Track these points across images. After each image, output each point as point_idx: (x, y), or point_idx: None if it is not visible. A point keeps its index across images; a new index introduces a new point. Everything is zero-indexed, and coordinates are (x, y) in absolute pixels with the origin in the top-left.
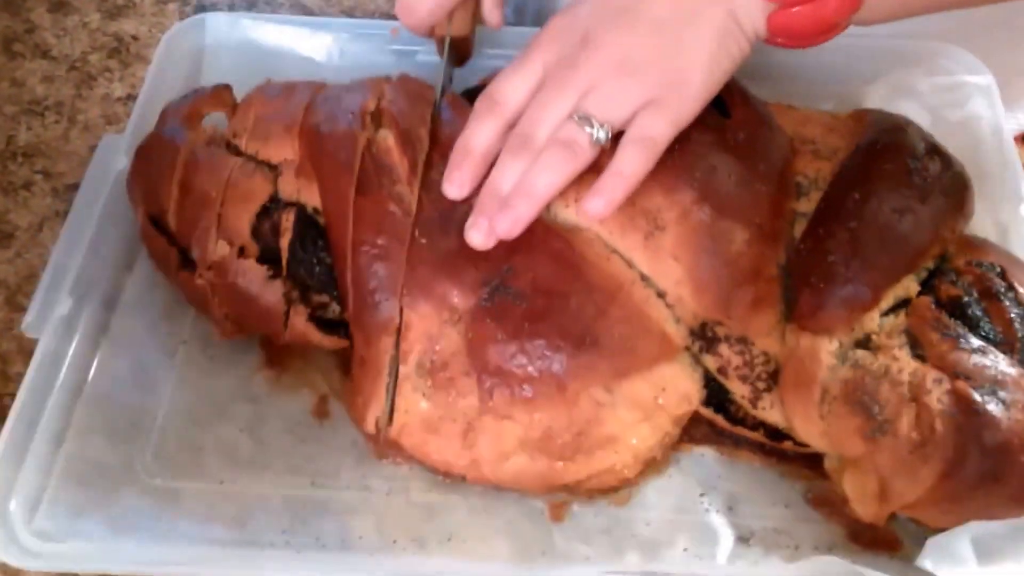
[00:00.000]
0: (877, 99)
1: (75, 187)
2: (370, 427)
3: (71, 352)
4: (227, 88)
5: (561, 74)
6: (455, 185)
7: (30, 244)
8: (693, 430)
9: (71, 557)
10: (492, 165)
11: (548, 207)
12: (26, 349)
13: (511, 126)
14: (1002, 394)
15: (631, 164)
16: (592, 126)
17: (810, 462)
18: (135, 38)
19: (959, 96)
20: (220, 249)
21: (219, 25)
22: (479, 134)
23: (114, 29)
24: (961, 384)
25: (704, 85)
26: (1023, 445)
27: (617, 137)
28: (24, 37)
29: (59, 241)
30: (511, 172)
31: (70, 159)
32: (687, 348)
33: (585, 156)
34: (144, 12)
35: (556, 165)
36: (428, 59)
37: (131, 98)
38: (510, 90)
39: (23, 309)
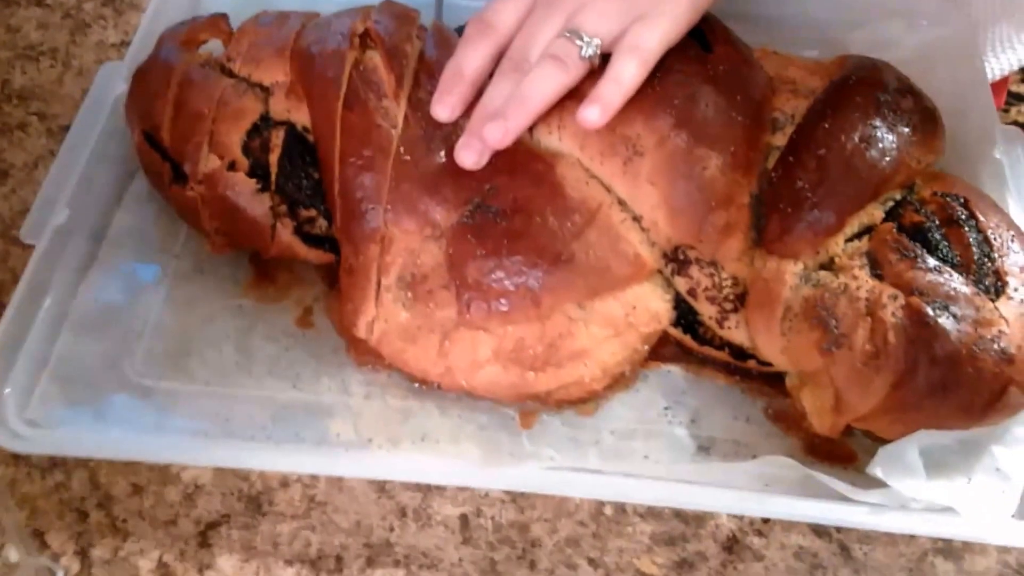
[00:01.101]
0: (859, 47)
1: (69, 128)
2: (361, 331)
3: (66, 258)
4: (223, 16)
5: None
6: (445, 107)
7: (25, 181)
8: (662, 349)
9: (59, 443)
10: (482, 89)
11: (531, 132)
12: None
13: (502, 51)
14: (954, 309)
15: (625, 71)
16: (582, 40)
17: (772, 381)
18: None
19: (940, 44)
20: (211, 163)
21: None
22: (470, 57)
23: None
24: (915, 299)
25: (691, 2)
26: (971, 357)
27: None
28: None
29: (59, 155)
30: (503, 92)
31: (64, 102)
32: (659, 271)
33: (576, 69)
34: None
35: (547, 76)
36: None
37: (124, 44)
38: (502, 14)
39: (18, 242)
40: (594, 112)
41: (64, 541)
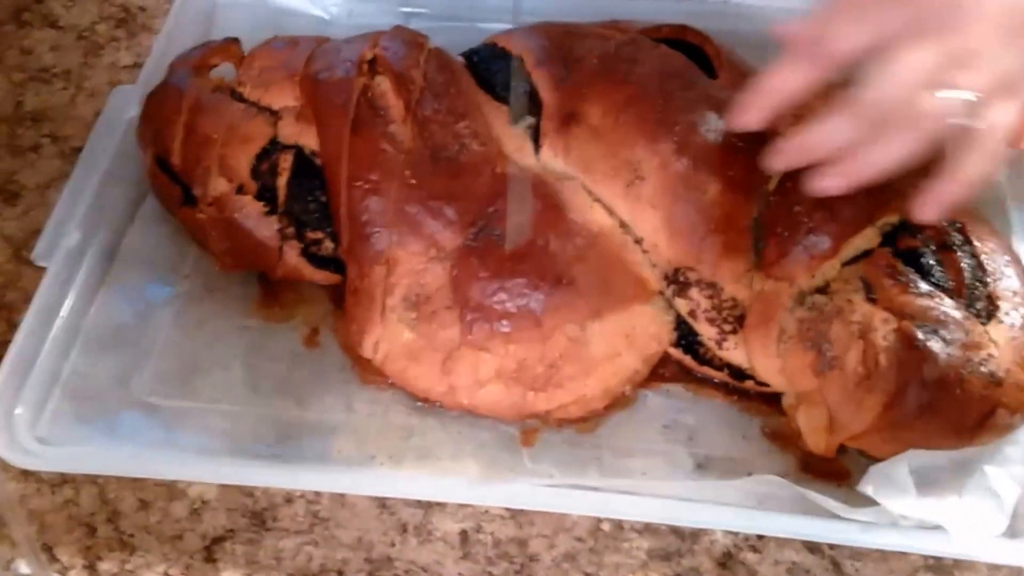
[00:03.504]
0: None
1: (81, 150)
2: (366, 351)
3: (78, 278)
4: (235, 41)
5: (918, 33)
6: (749, 118)
7: (37, 202)
8: (662, 368)
9: (69, 459)
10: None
11: (537, 154)
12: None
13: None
14: (943, 333)
15: (984, 169)
16: (966, 109)
17: (769, 400)
18: (142, 9)
19: None
20: (220, 186)
21: None
22: (790, 81)
23: (122, 0)
24: (906, 323)
25: None
26: (960, 380)
27: None
28: (33, 7)
29: (71, 178)
30: (843, 135)
31: (77, 123)
32: (660, 292)
33: (937, 133)
34: None
35: (904, 145)
36: (434, 22)
37: (137, 66)
38: (842, 40)
39: (30, 263)
40: (932, 209)
41: (73, 555)
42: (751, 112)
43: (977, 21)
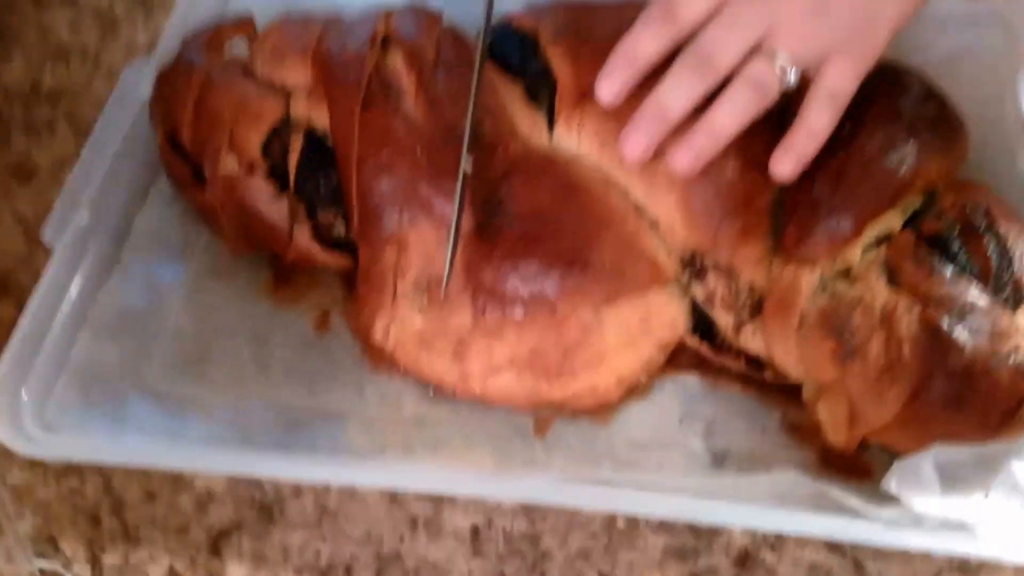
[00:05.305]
0: (888, 51)
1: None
2: (377, 336)
3: (86, 261)
4: (250, 18)
5: (750, 2)
6: (612, 88)
7: (51, 182)
8: (678, 357)
9: (74, 449)
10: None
11: (551, 131)
12: None
13: (680, 41)
14: (970, 321)
15: (821, 122)
16: (783, 68)
17: (788, 392)
18: None
19: (971, 50)
20: (229, 166)
21: None
22: (646, 41)
23: None
24: (930, 311)
25: (889, 34)
26: (987, 370)
27: None
28: None
29: (81, 156)
30: (683, 91)
31: (93, 102)
32: (676, 278)
33: (771, 97)
34: None
35: (744, 105)
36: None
37: (154, 45)
38: (692, 4)
39: (42, 244)
40: (787, 166)
41: (76, 547)
42: (619, 81)
43: None
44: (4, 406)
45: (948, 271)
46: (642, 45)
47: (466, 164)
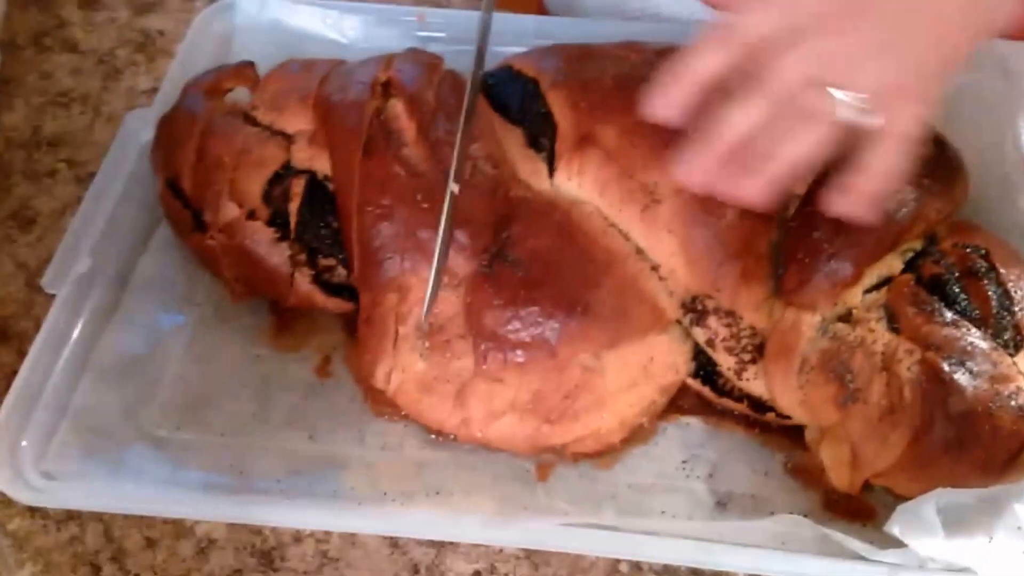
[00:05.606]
0: None
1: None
2: (379, 381)
3: (87, 307)
4: (250, 65)
5: (819, 29)
6: (670, 107)
7: (52, 229)
8: (680, 400)
9: (74, 497)
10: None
11: (551, 177)
12: None
13: (739, 63)
14: (970, 364)
15: (892, 165)
16: (848, 105)
17: (791, 434)
18: (161, 33)
19: (969, 90)
20: (230, 211)
21: (249, 7)
22: (707, 61)
23: (141, 24)
24: (931, 354)
25: (949, 77)
26: (988, 414)
27: None
28: (54, 32)
29: (82, 203)
30: (742, 118)
31: (94, 148)
32: (678, 321)
33: (833, 131)
34: (172, 8)
35: (810, 139)
36: (451, 46)
37: (155, 91)
38: (752, 27)
39: (42, 291)
40: (859, 207)
41: None
42: (677, 100)
43: (879, 17)
44: (4, 454)
45: (948, 314)
46: (703, 66)
47: (453, 186)
